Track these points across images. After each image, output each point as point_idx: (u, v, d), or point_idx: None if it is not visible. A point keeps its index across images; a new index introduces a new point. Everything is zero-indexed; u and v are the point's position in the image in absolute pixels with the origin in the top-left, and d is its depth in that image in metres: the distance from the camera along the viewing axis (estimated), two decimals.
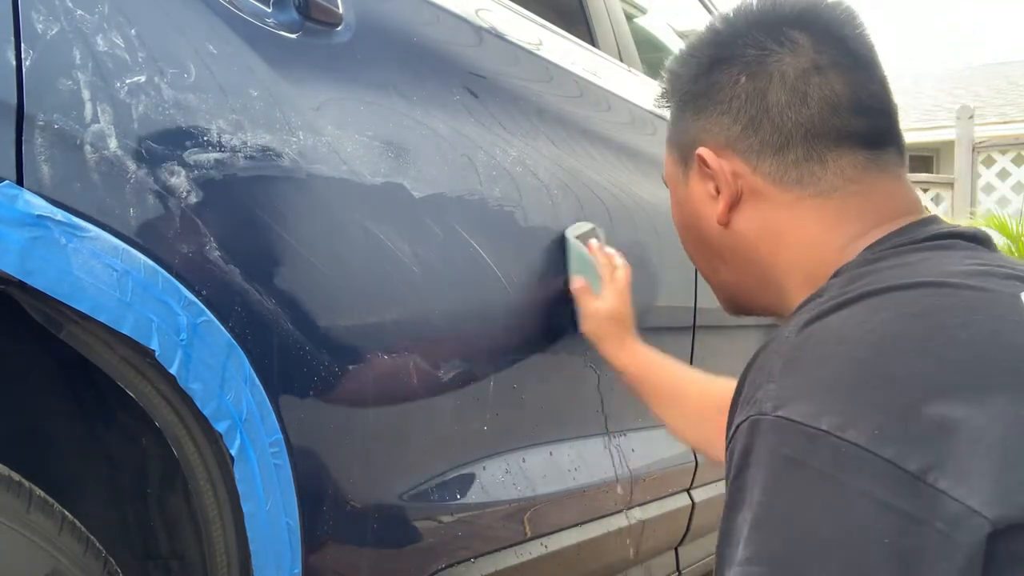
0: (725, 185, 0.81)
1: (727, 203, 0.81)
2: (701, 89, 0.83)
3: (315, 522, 0.89)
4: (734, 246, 0.83)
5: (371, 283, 0.95)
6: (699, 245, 0.88)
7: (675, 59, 0.88)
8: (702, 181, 0.84)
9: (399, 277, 0.98)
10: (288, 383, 0.85)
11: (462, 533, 1.10)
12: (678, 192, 0.89)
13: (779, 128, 0.77)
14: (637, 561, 1.52)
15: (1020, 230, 5.84)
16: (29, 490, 0.70)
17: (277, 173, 0.85)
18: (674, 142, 0.88)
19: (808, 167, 0.77)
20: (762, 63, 0.79)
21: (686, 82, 0.85)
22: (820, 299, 0.68)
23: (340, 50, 0.98)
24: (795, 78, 0.77)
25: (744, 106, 0.79)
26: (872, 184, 0.77)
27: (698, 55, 0.84)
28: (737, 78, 0.80)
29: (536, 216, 1.20)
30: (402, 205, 0.99)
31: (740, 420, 0.64)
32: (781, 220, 0.79)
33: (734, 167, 0.80)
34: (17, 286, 0.67)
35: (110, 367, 0.75)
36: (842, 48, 0.78)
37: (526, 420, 1.22)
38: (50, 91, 0.69)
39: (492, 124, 1.18)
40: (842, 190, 0.77)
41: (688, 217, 0.88)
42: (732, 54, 0.81)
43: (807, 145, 0.77)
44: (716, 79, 0.81)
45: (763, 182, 0.79)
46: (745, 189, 0.80)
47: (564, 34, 1.48)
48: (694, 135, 0.83)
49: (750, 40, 0.80)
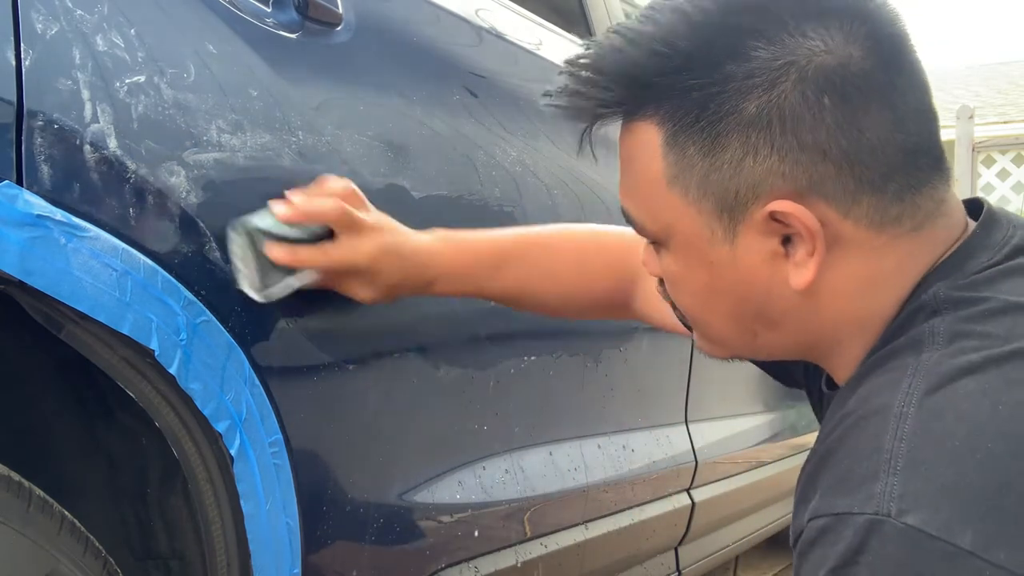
0: (817, 241, 0.61)
1: (818, 264, 0.62)
2: (758, 117, 0.60)
3: (315, 522, 0.89)
4: (800, 309, 0.65)
5: None
6: (739, 313, 0.67)
7: (660, 65, 0.61)
8: (763, 238, 0.63)
9: None
10: (288, 383, 0.85)
11: (462, 533, 1.10)
12: (707, 253, 0.65)
13: (879, 158, 0.60)
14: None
15: None
16: (29, 490, 0.70)
17: (277, 173, 0.85)
18: (702, 187, 0.63)
19: (910, 199, 0.62)
20: (845, 75, 0.59)
21: (722, 107, 0.60)
22: (930, 354, 0.57)
23: (340, 50, 0.98)
24: (882, 87, 0.60)
25: (835, 137, 0.59)
26: (948, 203, 0.64)
27: (734, 66, 0.60)
28: (819, 98, 0.59)
29: (536, 216, 1.20)
30: (402, 205, 0.99)
31: (848, 509, 0.53)
32: (868, 270, 0.62)
33: (821, 216, 0.61)
34: (17, 286, 0.67)
35: (110, 367, 0.75)
36: (900, 39, 0.62)
37: (526, 420, 1.22)
38: (50, 91, 0.69)
39: (492, 124, 1.18)
40: (931, 216, 0.63)
41: (727, 283, 0.66)
42: (798, 63, 0.59)
43: (906, 173, 0.61)
44: (784, 101, 0.59)
45: (854, 228, 0.61)
46: (828, 240, 0.62)
47: (564, 34, 1.48)
48: (753, 180, 0.61)
49: (818, 39, 0.59)
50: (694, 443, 1.64)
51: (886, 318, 0.63)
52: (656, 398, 1.56)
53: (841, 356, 0.66)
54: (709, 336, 0.73)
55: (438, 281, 0.93)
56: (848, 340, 0.65)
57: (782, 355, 0.72)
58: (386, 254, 0.87)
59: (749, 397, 1.93)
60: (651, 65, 0.61)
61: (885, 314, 0.63)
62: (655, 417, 1.54)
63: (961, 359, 0.55)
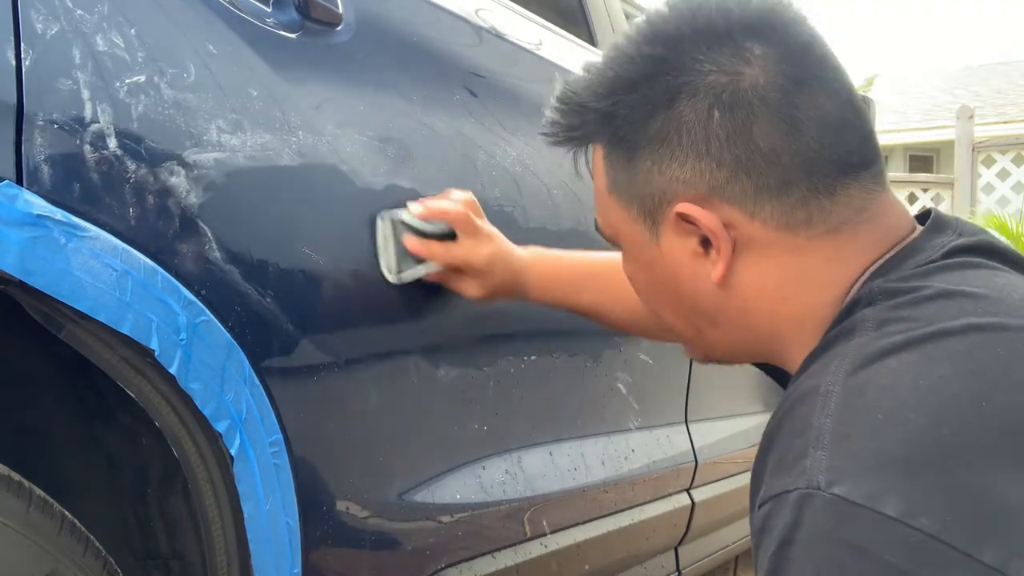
0: (722, 241, 0.68)
1: (727, 261, 0.68)
2: (660, 132, 0.68)
3: (315, 522, 0.89)
4: (727, 305, 0.71)
5: (371, 283, 0.95)
6: (680, 309, 0.75)
7: (592, 92, 0.71)
8: (680, 238, 0.70)
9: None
10: (288, 383, 0.85)
11: (462, 533, 1.10)
12: (642, 252, 0.74)
13: (775, 165, 0.65)
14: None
15: (1020, 230, 5.84)
16: (29, 490, 0.70)
17: (277, 173, 0.85)
18: (627, 194, 0.72)
19: (816, 203, 0.66)
20: (736, 91, 0.65)
21: (631, 124, 0.69)
22: (859, 339, 0.61)
23: (340, 50, 0.98)
24: (779, 101, 0.65)
25: (726, 147, 0.66)
26: (876, 208, 0.68)
27: (642, 89, 0.68)
28: (708, 112, 0.66)
29: (536, 215, 1.20)
30: (402, 205, 0.99)
31: (784, 488, 0.56)
32: (788, 268, 0.68)
33: (725, 218, 0.67)
34: (17, 286, 0.67)
35: (110, 367, 0.75)
36: (810, 55, 0.67)
37: (526, 420, 1.22)
38: (50, 91, 0.69)
39: (492, 124, 1.18)
40: (851, 221, 0.67)
41: (662, 280, 0.74)
42: (692, 83, 0.66)
43: (811, 178, 0.66)
44: (680, 118, 0.67)
45: (763, 229, 0.67)
46: (739, 240, 0.68)
47: (564, 34, 1.48)
48: (662, 187, 0.69)
49: (708, 60, 0.66)
50: (694, 443, 1.64)
51: (826, 317, 0.67)
52: (656, 398, 1.56)
53: (791, 355, 0.70)
54: (678, 336, 0.80)
55: (530, 290, 1.07)
56: (791, 339, 0.70)
57: (739, 355, 0.77)
58: (497, 259, 1.02)
59: (749, 397, 1.93)
60: (589, 96, 0.71)
61: (824, 313, 0.67)
62: (655, 417, 1.54)
63: (885, 341, 0.58)
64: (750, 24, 0.67)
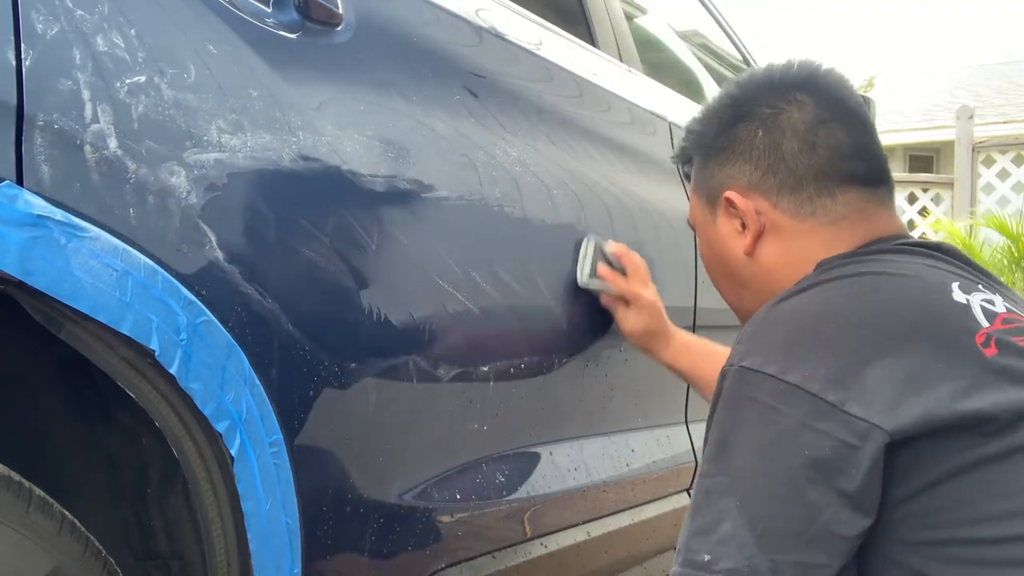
0: (751, 221, 0.95)
1: (754, 236, 0.96)
2: (724, 143, 0.98)
3: (315, 522, 0.89)
4: (756, 272, 0.97)
5: (371, 283, 0.95)
6: (727, 276, 1.02)
7: (696, 121, 1.04)
8: (728, 219, 0.98)
9: (399, 277, 0.98)
10: (288, 383, 0.85)
11: (462, 533, 1.10)
12: (707, 231, 1.03)
13: (793, 171, 0.93)
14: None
15: (1020, 230, 5.84)
16: (29, 490, 0.70)
17: (277, 173, 0.85)
18: (701, 189, 1.03)
19: (820, 201, 0.92)
20: (776, 119, 0.94)
21: (711, 138, 1.00)
22: (792, 288, 0.86)
23: (340, 50, 0.98)
24: (804, 130, 0.93)
25: (763, 155, 0.94)
26: (872, 213, 0.93)
27: (720, 115, 0.99)
28: (755, 132, 0.95)
29: (536, 216, 1.20)
30: (402, 205, 0.99)
31: (719, 374, 0.83)
32: (799, 246, 0.93)
33: (757, 205, 0.95)
34: (17, 286, 0.67)
35: (110, 367, 0.75)
36: (841, 105, 0.94)
37: (526, 420, 1.22)
38: (50, 91, 0.69)
39: (492, 124, 1.18)
40: (850, 218, 0.92)
41: (717, 252, 1.02)
42: (749, 112, 0.96)
43: (817, 183, 0.92)
44: (737, 134, 0.97)
45: (782, 216, 0.94)
46: (767, 223, 0.95)
47: (564, 34, 1.48)
48: (720, 181, 0.98)
49: (764, 101, 0.96)
50: (694, 443, 1.64)
51: None
52: (656, 398, 1.56)
53: None
54: (734, 308, 1.06)
55: (667, 346, 1.34)
56: None
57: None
58: (655, 309, 1.33)
59: None
60: (694, 123, 1.05)
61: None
62: (655, 417, 1.54)
63: (803, 286, 0.85)
64: (800, 80, 0.96)
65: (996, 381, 0.74)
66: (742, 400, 0.78)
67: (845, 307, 0.80)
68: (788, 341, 0.79)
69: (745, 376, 0.79)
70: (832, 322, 0.79)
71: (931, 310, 0.78)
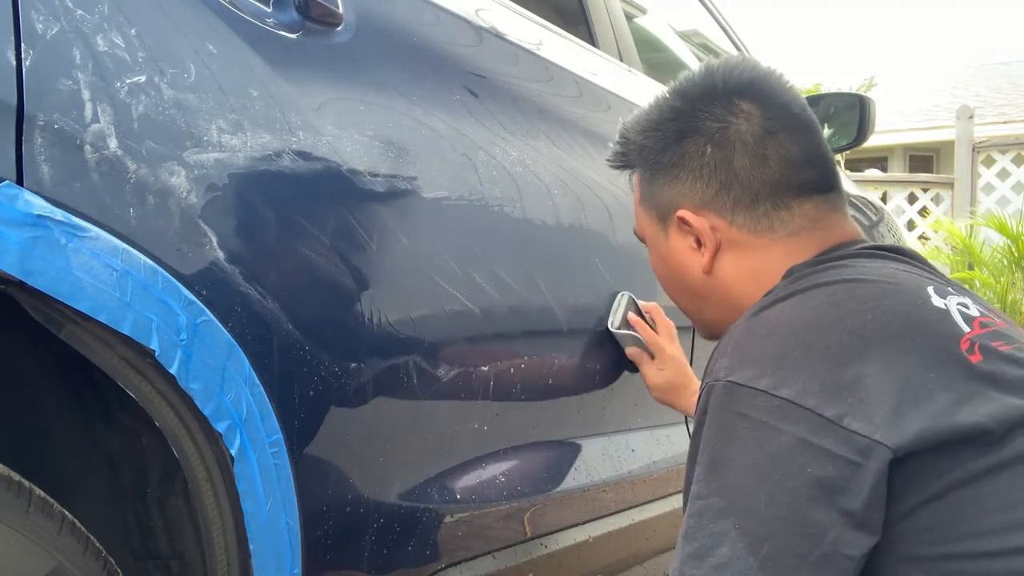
0: (707, 239, 0.94)
1: (711, 254, 0.94)
2: (671, 160, 0.95)
3: (315, 522, 0.89)
4: (716, 288, 0.96)
5: (371, 282, 0.95)
6: (683, 291, 1.01)
7: (634, 130, 1.00)
8: (682, 237, 0.96)
9: (399, 276, 0.98)
10: (288, 383, 0.85)
11: (462, 533, 1.10)
12: (658, 247, 1.01)
13: (747, 188, 0.91)
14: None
15: (1020, 230, 5.84)
16: (29, 490, 0.70)
17: (277, 173, 0.85)
18: (649, 203, 1.00)
19: (777, 215, 0.91)
20: (723, 134, 0.92)
21: (655, 153, 0.97)
22: (767, 297, 0.85)
23: (340, 50, 0.98)
24: (754, 143, 0.91)
25: (714, 172, 0.92)
26: (828, 221, 0.92)
27: (663, 129, 0.96)
28: (704, 148, 0.93)
29: (536, 216, 1.20)
30: (402, 205, 0.99)
31: (702, 389, 0.80)
32: (759, 260, 0.92)
33: (712, 223, 0.93)
34: (17, 286, 0.67)
35: (110, 367, 0.75)
36: (786, 112, 0.92)
37: (526, 420, 1.22)
38: (50, 91, 0.69)
39: (492, 124, 1.18)
40: (808, 228, 0.91)
41: (672, 269, 1.00)
42: (695, 127, 0.93)
43: (773, 197, 0.91)
44: (685, 150, 0.94)
45: (739, 232, 0.92)
46: (723, 240, 0.93)
47: (564, 34, 1.48)
48: (671, 199, 0.96)
49: (708, 114, 0.93)
50: None
51: None
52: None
53: None
54: (692, 319, 1.05)
55: (688, 404, 1.32)
56: None
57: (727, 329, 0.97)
58: (679, 364, 1.34)
59: None
60: (632, 132, 1.01)
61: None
62: (655, 417, 1.54)
63: (780, 295, 0.83)
64: (742, 86, 0.93)
65: (985, 389, 0.73)
66: (733, 417, 0.75)
67: (831, 316, 0.77)
68: (776, 354, 0.76)
69: (734, 391, 0.76)
70: (820, 332, 0.76)
71: (915, 317, 0.77)
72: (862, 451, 0.70)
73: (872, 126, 2.14)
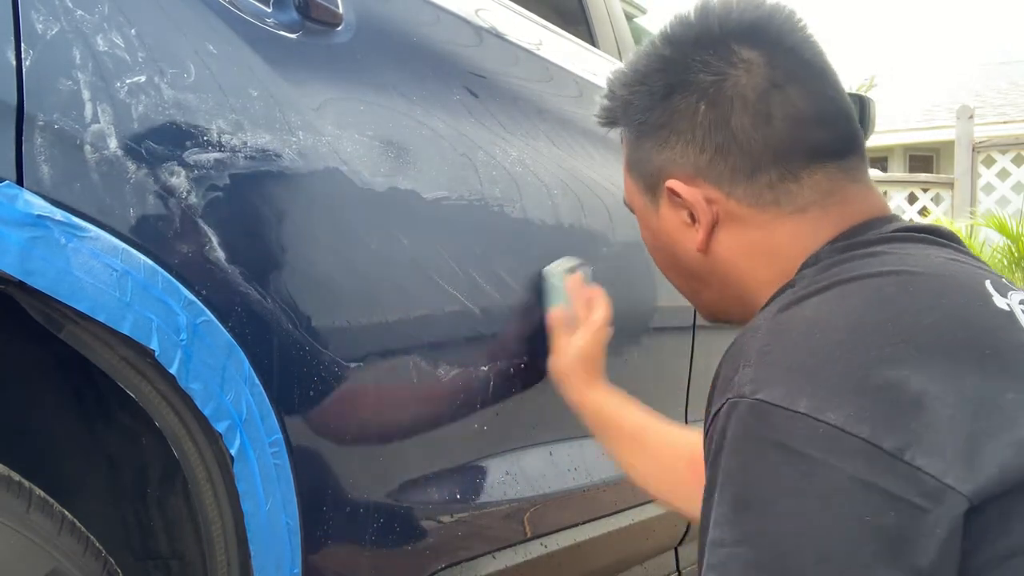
0: (702, 213, 0.79)
1: (707, 230, 0.80)
2: (659, 120, 0.80)
3: (315, 522, 0.89)
4: (714, 269, 0.82)
5: (371, 283, 0.95)
6: (677, 270, 0.88)
7: (620, 83, 0.85)
8: (674, 210, 0.82)
9: (399, 277, 0.98)
10: (288, 383, 0.85)
11: (462, 533, 1.10)
12: (649, 220, 0.87)
13: (748, 153, 0.76)
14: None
15: (1020, 230, 5.84)
16: (29, 490, 0.70)
17: (277, 173, 0.85)
18: (637, 171, 0.86)
19: (783, 187, 0.76)
20: (719, 88, 0.76)
21: (640, 111, 0.82)
22: (793, 289, 0.70)
23: (340, 50, 0.98)
24: (756, 99, 0.75)
25: (709, 135, 0.77)
26: (845, 194, 0.77)
27: (649, 83, 0.81)
28: (696, 106, 0.77)
29: (536, 216, 1.20)
30: (402, 205, 0.99)
31: (719, 404, 0.65)
32: (761, 240, 0.78)
33: (707, 195, 0.79)
34: (17, 286, 0.67)
35: (110, 367, 0.75)
36: (794, 58, 0.77)
37: (526, 420, 1.21)
38: (50, 91, 0.69)
39: (492, 124, 1.18)
40: (819, 203, 0.76)
41: (663, 244, 0.86)
42: (686, 80, 0.78)
43: (779, 166, 0.76)
44: (674, 108, 0.79)
45: (738, 206, 0.78)
46: (721, 214, 0.79)
47: (564, 34, 1.48)
48: (659, 166, 0.81)
49: (702, 64, 0.77)
50: None
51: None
52: (656, 398, 1.56)
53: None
54: (688, 299, 0.92)
55: (582, 404, 1.14)
56: (762, 302, 0.76)
57: (731, 314, 0.86)
58: (594, 360, 1.14)
59: None
60: (618, 85, 0.85)
61: (788, 279, 0.75)
62: (657, 416, 1.54)
63: (811, 287, 0.67)
64: (743, 30, 0.77)
65: None
66: (766, 447, 0.59)
67: (879, 317, 0.62)
68: (814, 364, 0.60)
69: (766, 414, 0.60)
70: (866, 337, 0.61)
71: (980, 321, 0.62)
72: (930, 495, 0.55)
73: (872, 126, 2.14)
